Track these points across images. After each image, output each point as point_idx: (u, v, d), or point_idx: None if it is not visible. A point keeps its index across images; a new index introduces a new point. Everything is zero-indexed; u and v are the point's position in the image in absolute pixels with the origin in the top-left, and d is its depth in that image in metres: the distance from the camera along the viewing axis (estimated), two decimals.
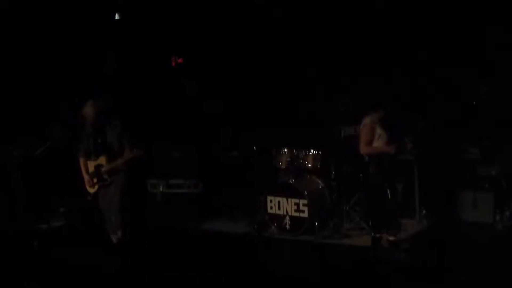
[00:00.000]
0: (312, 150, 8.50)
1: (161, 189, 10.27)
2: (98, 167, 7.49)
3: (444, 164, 8.72)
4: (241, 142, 9.65)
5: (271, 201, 8.38)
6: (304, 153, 8.51)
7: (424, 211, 8.63)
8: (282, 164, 8.58)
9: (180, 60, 10.38)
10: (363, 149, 7.16)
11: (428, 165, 8.58)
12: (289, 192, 8.25)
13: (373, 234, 7.36)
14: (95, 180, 7.55)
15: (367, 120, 7.16)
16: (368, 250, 7.26)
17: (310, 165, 8.48)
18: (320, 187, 8.45)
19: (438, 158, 8.54)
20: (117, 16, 9.96)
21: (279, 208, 8.31)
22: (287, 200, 8.24)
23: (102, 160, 7.46)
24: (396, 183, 8.99)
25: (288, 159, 8.55)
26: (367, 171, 7.25)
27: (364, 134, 7.13)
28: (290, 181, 8.29)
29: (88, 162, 7.58)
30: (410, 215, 8.58)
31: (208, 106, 10.54)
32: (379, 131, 7.07)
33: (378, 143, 7.12)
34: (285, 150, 8.58)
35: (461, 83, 8.98)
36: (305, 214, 8.09)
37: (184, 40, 10.57)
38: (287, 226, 8.24)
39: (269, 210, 8.39)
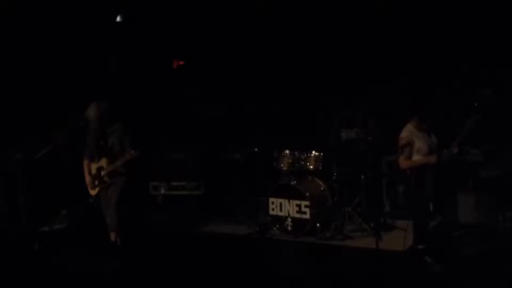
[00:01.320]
0: (313, 152, 8.52)
1: (162, 191, 10.28)
2: (99, 169, 7.51)
3: (446, 166, 8.70)
4: (244, 144, 9.68)
5: (273, 202, 8.39)
6: (305, 155, 8.54)
7: None
8: (284, 166, 8.60)
9: (181, 63, 10.36)
10: (402, 164, 6.86)
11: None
12: (290, 193, 8.25)
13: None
14: (96, 182, 7.56)
15: (404, 133, 6.88)
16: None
17: (311, 167, 8.50)
18: (322, 188, 8.45)
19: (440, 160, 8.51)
20: (118, 19, 9.95)
21: (281, 210, 8.32)
22: (289, 202, 8.24)
23: (103, 162, 7.47)
24: (397, 185, 9.06)
25: (290, 161, 8.57)
26: (408, 185, 7.02)
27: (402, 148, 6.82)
28: (292, 183, 8.29)
29: (92, 164, 7.60)
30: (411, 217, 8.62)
31: (211, 108, 10.55)
32: (417, 143, 6.79)
33: (418, 156, 6.84)
34: (287, 152, 8.61)
35: (463, 85, 8.98)
36: (307, 216, 8.09)
37: (186, 43, 10.57)
38: (289, 228, 8.24)
39: (271, 212, 8.40)
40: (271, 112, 9.91)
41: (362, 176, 8.43)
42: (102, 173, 7.46)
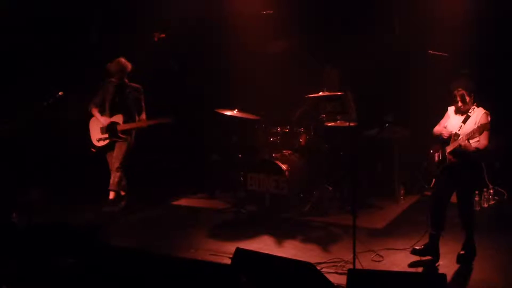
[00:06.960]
0: (293, 128, 8.48)
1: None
2: (113, 124, 7.87)
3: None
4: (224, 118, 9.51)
5: (251, 178, 8.32)
6: (285, 130, 8.49)
7: (402, 191, 8.69)
8: (264, 141, 8.55)
9: (162, 35, 10.14)
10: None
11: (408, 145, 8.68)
12: (269, 169, 8.20)
13: None
14: (106, 135, 7.91)
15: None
16: None
17: (291, 142, 8.46)
18: (301, 164, 8.41)
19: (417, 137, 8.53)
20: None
21: (259, 185, 8.27)
22: (267, 177, 8.19)
23: (118, 118, 7.90)
24: (376, 162, 9.08)
25: (270, 136, 8.53)
26: None
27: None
28: (270, 158, 8.26)
29: (103, 116, 7.97)
30: (388, 195, 8.69)
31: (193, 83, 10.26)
32: None
33: None
34: (267, 127, 8.55)
35: None
36: (285, 191, 8.05)
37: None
38: (267, 203, 8.20)
39: (249, 187, 8.35)
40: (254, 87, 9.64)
41: (341, 153, 8.46)
42: (117, 128, 7.84)
